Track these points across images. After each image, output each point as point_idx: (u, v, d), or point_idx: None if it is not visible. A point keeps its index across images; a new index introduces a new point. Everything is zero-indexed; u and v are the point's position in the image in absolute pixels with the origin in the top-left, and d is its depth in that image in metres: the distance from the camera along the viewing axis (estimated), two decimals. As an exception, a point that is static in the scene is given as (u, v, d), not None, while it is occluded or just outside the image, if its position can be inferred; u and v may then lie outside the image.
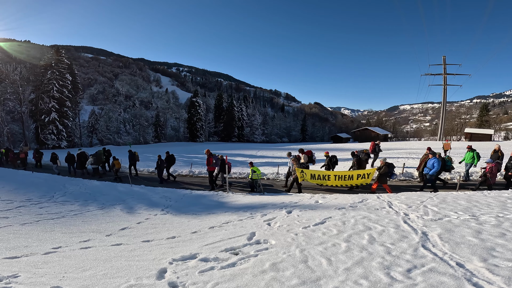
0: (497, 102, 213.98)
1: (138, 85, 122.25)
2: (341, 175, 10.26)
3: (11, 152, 21.62)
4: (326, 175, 10.47)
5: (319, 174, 10.49)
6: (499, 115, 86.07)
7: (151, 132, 64.57)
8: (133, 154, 15.06)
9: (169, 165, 13.94)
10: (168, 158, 13.81)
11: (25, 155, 19.48)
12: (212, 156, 11.59)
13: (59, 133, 40.34)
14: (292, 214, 6.08)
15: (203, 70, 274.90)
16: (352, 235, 4.15)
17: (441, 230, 4.11)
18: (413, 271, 2.86)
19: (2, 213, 7.43)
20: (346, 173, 10.33)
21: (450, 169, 10.82)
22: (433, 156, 9.70)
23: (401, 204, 6.09)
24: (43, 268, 3.59)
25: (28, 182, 11.99)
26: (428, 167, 9.48)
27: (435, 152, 10.20)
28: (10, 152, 21.88)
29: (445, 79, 47.83)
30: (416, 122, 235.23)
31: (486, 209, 5.26)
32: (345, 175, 10.22)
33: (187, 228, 6.01)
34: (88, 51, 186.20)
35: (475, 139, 46.35)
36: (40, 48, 68.88)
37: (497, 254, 3.17)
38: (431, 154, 9.94)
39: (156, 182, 12.87)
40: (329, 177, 10.36)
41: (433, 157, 9.60)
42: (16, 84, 39.73)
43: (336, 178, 10.26)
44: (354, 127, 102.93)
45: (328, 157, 12.28)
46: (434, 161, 9.37)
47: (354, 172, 10.20)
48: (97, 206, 8.75)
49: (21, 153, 19.75)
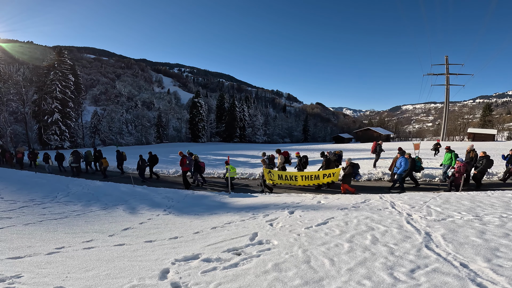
0: (500, 102, 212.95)
1: (140, 85, 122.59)
2: (307, 175, 10.46)
3: (8, 152, 22.17)
4: (293, 175, 10.62)
5: (286, 174, 10.70)
6: (502, 115, 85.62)
7: (153, 132, 64.69)
8: (120, 154, 15.68)
9: (152, 165, 14.34)
10: (151, 158, 14.22)
11: (22, 155, 20.06)
12: (186, 157, 12.03)
13: (62, 133, 40.49)
14: (294, 214, 6.07)
15: (204, 70, 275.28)
16: (354, 236, 4.14)
17: (445, 230, 4.09)
18: (417, 272, 2.85)
19: (6, 213, 7.46)
20: (312, 173, 10.52)
21: (420, 169, 11.03)
22: (401, 155, 10.00)
23: (404, 205, 6.06)
24: (46, 268, 3.60)
25: (31, 183, 12.05)
26: (397, 166, 9.81)
27: (404, 152, 10.39)
28: (7, 152, 22.41)
29: (447, 79, 47.64)
30: (418, 122, 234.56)
31: (489, 210, 5.23)
32: (311, 175, 10.41)
33: (190, 229, 6.01)
34: (91, 52, 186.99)
35: (478, 139, 46.11)
36: (43, 49, 69.20)
37: (501, 254, 3.16)
38: (399, 154, 10.23)
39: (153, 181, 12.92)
40: (296, 178, 10.54)
41: (401, 156, 9.91)
42: (19, 85, 39.96)
43: (303, 178, 10.45)
44: (356, 127, 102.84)
45: (299, 157, 12.37)
46: (402, 160, 9.71)
47: (320, 172, 10.38)
48: (100, 207, 8.77)
49: (18, 153, 20.27)
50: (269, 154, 12.26)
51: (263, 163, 11.15)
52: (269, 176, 10.79)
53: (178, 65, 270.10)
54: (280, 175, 10.69)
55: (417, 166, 10.68)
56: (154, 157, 14.27)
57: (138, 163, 13.61)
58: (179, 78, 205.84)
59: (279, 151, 12.35)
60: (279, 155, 12.07)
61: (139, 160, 13.65)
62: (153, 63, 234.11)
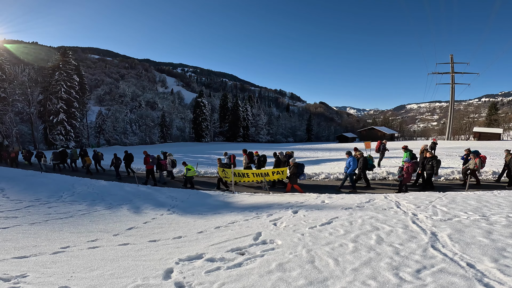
0: (506, 100, 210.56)
1: (144, 85, 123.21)
2: (257, 172, 11.28)
3: (5, 152, 23.03)
4: (245, 172, 11.56)
5: (239, 172, 11.52)
6: (508, 114, 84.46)
7: (157, 132, 65.04)
8: (96, 153, 16.98)
9: (128, 163, 15.45)
10: (127, 157, 15.36)
11: (15, 154, 21.13)
12: (149, 156, 12.96)
13: (67, 133, 40.84)
14: (298, 214, 6.04)
15: (208, 70, 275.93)
16: (359, 235, 4.11)
17: (451, 230, 4.04)
18: (423, 272, 2.82)
19: (12, 213, 7.53)
20: (262, 171, 11.35)
21: (372, 168, 11.20)
22: (349, 155, 10.33)
23: (409, 204, 6.01)
24: (52, 268, 3.62)
25: (37, 182, 12.15)
26: (346, 166, 10.23)
27: (350, 152, 10.64)
28: (4, 151, 23.41)
29: (452, 77, 47.18)
30: (423, 122, 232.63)
31: (496, 209, 5.17)
32: (261, 172, 11.22)
33: (193, 228, 6.01)
34: (95, 52, 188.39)
35: (484, 138, 45.70)
36: (48, 50, 69.71)
37: (508, 254, 3.11)
38: (347, 154, 10.51)
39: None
40: (248, 174, 11.43)
41: (350, 156, 10.25)
42: (24, 85, 40.31)
43: (254, 175, 11.31)
44: (360, 126, 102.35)
45: (258, 156, 13.02)
46: (350, 160, 10.11)
47: (269, 170, 11.10)
48: (105, 206, 8.82)
49: (12, 152, 21.30)
50: (230, 154, 13.16)
51: (218, 161, 12.18)
52: (223, 174, 11.65)
53: (181, 65, 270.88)
54: (234, 172, 11.32)
55: (369, 165, 10.94)
56: (130, 155, 15.47)
57: (112, 161, 14.97)
58: (182, 78, 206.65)
59: (245, 151, 13.27)
60: (245, 155, 13.04)
61: (113, 158, 14.99)
62: (157, 63, 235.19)
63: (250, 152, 13.44)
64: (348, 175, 10.14)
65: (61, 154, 18.21)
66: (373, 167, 11.22)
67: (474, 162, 9.77)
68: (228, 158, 12.78)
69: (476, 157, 9.84)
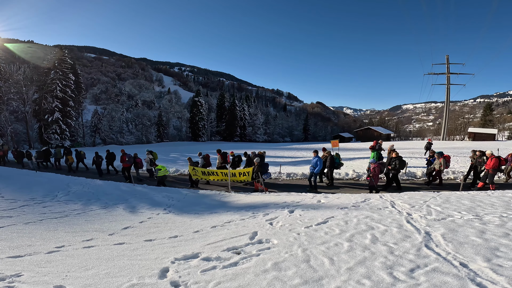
0: (501, 101, 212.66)
1: (141, 85, 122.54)
2: (226, 172, 11.65)
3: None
4: (214, 171, 11.99)
5: (208, 171, 12.06)
6: (503, 115, 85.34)
7: (154, 131, 64.74)
8: (79, 153, 17.62)
9: (110, 161, 16.02)
10: (109, 156, 15.95)
11: (3, 153, 21.35)
12: (126, 155, 13.62)
13: (62, 132, 40.52)
14: (294, 213, 6.06)
15: (205, 69, 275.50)
16: (354, 235, 4.14)
17: (445, 230, 4.08)
18: (416, 271, 2.85)
19: (6, 212, 7.46)
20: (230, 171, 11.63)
21: (339, 166, 11.51)
22: (316, 155, 10.51)
23: (404, 204, 6.06)
24: (46, 267, 3.61)
25: (32, 182, 12.04)
26: (313, 166, 10.41)
27: (317, 151, 10.84)
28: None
29: (448, 78, 47.47)
30: (419, 122, 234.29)
31: (490, 209, 5.22)
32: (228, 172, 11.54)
33: (189, 228, 6.01)
34: (91, 51, 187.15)
35: (479, 139, 46.08)
36: (43, 48, 68.95)
37: (501, 254, 3.15)
38: (314, 153, 10.71)
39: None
40: (217, 173, 11.87)
41: (316, 156, 10.45)
42: (19, 84, 39.97)
43: (222, 174, 11.73)
44: (357, 126, 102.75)
45: (233, 156, 13.63)
46: (317, 160, 10.27)
47: (236, 171, 11.61)
48: (100, 206, 8.77)
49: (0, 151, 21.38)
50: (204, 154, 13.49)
51: (189, 161, 12.82)
52: (193, 173, 12.16)
53: (178, 64, 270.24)
54: (203, 171, 12.03)
55: (336, 163, 11.18)
56: (112, 154, 16.07)
57: (93, 159, 15.89)
58: (179, 77, 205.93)
59: (218, 151, 13.75)
60: (218, 155, 13.56)
61: (94, 156, 15.92)
62: (154, 62, 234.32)
63: (224, 152, 13.90)
64: (314, 175, 10.36)
65: (45, 152, 19.27)
66: (340, 165, 11.52)
67: (439, 162, 10.03)
68: (202, 158, 13.16)
69: (440, 157, 10.10)
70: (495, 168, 9.32)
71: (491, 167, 9.30)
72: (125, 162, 13.43)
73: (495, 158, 9.38)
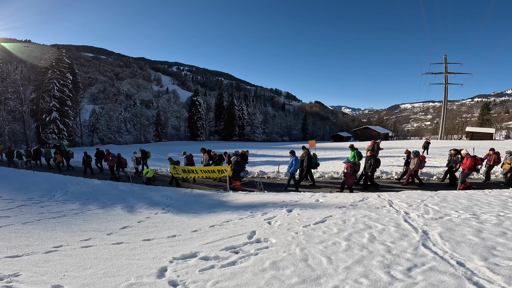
0: (498, 101, 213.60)
1: (139, 84, 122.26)
2: (205, 169, 12.13)
3: None
4: (194, 169, 12.37)
5: (188, 169, 12.45)
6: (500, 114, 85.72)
7: (152, 131, 64.59)
8: (67, 152, 18.61)
9: (99, 160, 16.76)
10: (98, 153, 16.69)
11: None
12: (110, 154, 14.40)
13: (60, 132, 40.37)
14: (292, 212, 6.07)
15: (203, 69, 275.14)
16: (352, 234, 4.15)
17: (442, 229, 4.10)
18: (414, 270, 2.86)
19: (4, 212, 7.44)
20: (208, 168, 12.19)
21: (316, 166, 11.66)
22: (292, 155, 10.61)
23: (401, 203, 6.08)
24: (44, 267, 3.60)
25: (29, 181, 12.02)
26: (289, 165, 10.54)
27: (293, 151, 11.00)
28: None
29: (446, 78, 47.62)
30: (417, 121, 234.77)
31: (487, 208, 5.24)
32: (208, 169, 12.04)
33: (188, 227, 6.01)
34: (89, 50, 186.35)
35: (476, 138, 46.21)
36: (41, 48, 68.62)
37: (498, 253, 3.16)
38: (290, 153, 10.85)
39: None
40: (197, 171, 12.24)
41: (292, 156, 10.55)
42: (17, 83, 39.69)
43: (201, 171, 12.14)
44: (355, 126, 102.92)
45: (215, 155, 14.11)
46: (293, 160, 10.36)
47: (215, 168, 11.95)
48: (98, 205, 8.76)
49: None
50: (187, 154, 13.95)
51: (169, 160, 13.17)
52: (174, 171, 12.57)
53: (177, 63, 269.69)
54: (184, 169, 12.43)
55: (313, 163, 11.31)
56: (101, 152, 16.57)
57: (83, 158, 16.17)
58: (178, 76, 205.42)
59: (203, 150, 14.26)
60: (204, 154, 14.03)
61: (83, 156, 16.23)
62: (152, 61, 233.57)
63: (208, 150, 14.51)
64: (291, 175, 10.41)
65: (35, 152, 19.86)
66: (317, 165, 11.64)
67: (414, 162, 10.18)
68: (186, 158, 13.58)
69: (415, 157, 10.23)
70: (471, 167, 9.35)
71: (467, 167, 9.32)
72: (109, 161, 14.16)
73: (471, 157, 9.39)
